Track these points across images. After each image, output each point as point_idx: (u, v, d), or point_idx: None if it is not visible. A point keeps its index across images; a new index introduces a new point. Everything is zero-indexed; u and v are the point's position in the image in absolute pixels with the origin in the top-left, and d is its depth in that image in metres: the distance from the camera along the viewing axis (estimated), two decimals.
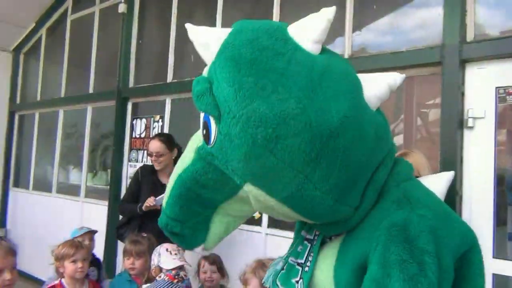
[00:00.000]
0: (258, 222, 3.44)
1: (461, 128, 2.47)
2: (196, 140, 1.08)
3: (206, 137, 1.00)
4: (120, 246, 4.30)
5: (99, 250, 3.66)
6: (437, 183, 1.18)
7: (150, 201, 3.01)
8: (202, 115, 1.01)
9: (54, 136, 5.81)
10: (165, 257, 2.50)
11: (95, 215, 4.80)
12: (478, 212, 2.39)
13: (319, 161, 0.90)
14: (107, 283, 3.17)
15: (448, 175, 1.23)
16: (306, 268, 1.07)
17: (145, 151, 4.40)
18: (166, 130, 4.24)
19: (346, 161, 0.92)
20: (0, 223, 6.40)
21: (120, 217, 4.37)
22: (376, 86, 1.00)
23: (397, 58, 2.77)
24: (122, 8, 4.75)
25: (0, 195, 6.48)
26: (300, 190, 0.92)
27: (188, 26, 1.12)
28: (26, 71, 6.59)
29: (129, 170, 4.65)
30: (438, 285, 0.88)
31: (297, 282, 1.07)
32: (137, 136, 4.62)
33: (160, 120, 4.37)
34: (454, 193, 2.44)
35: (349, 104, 0.92)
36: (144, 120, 4.58)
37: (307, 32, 0.97)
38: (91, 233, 3.29)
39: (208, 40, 1.03)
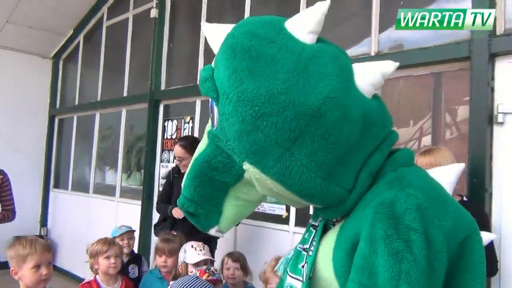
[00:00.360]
0: (285, 221, 3.46)
1: (490, 124, 2.42)
2: (208, 127, 1.19)
3: (212, 120, 1.12)
4: (153, 245, 4.42)
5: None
6: (444, 174, 1.17)
7: (177, 214, 3.18)
8: (210, 100, 1.13)
9: (91, 139, 6.04)
10: (190, 253, 2.57)
11: (129, 214, 4.94)
12: (509, 208, 2.33)
13: (303, 139, 0.97)
14: None
15: (459, 167, 1.21)
16: (310, 252, 1.12)
17: None
18: (196, 131, 4.33)
19: (331, 140, 0.97)
20: (42, 222, 6.68)
21: (155, 215, 4.51)
22: (368, 73, 1.04)
23: (425, 54, 2.74)
24: (153, 13, 4.90)
25: (41, 196, 6.76)
26: (288, 167, 0.99)
27: (204, 24, 1.25)
28: (65, 76, 6.88)
29: (161, 171, 4.77)
30: (429, 265, 0.88)
31: (303, 266, 1.12)
32: (169, 137, 4.74)
33: (191, 121, 4.47)
34: (483, 190, 2.39)
35: (333, 87, 0.97)
36: (175, 121, 4.69)
37: (302, 23, 1.05)
38: (131, 232, 3.38)
39: (217, 34, 1.13)
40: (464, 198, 2.27)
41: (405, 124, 3.05)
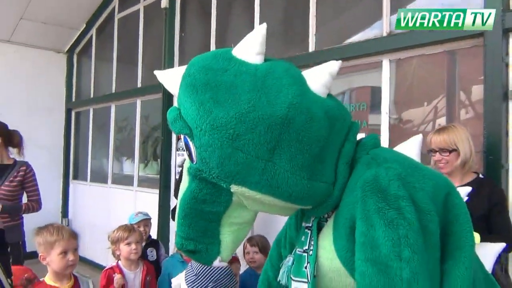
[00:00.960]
0: None
1: (506, 99, 2.41)
2: (186, 164, 1.21)
3: (190, 156, 1.15)
4: (172, 231, 4.51)
5: (152, 234, 3.84)
6: (408, 147, 1.27)
7: None
8: (182, 139, 1.17)
9: (108, 130, 6.14)
10: None
11: (147, 203, 5.03)
12: None
13: (280, 147, 1.04)
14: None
15: (417, 138, 1.33)
16: (311, 252, 1.17)
17: None
18: None
19: (304, 141, 1.05)
20: (63, 213, 6.84)
21: (173, 203, 4.59)
22: (318, 76, 1.13)
23: (437, 32, 2.71)
24: (164, 3, 4.93)
25: (61, 188, 6.91)
26: (274, 177, 1.05)
27: (156, 72, 1.30)
28: (80, 70, 6.97)
29: (177, 159, 4.84)
30: (422, 226, 0.96)
31: (306, 268, 1.17)
32: None
33: None
34: (499, 167, 2.39)
35: (292, 94, 1.06)
36: None
37: (247, 48, 1.14)
38: (147, 220, 3.46)
39: (172, 77, 1.20)
40: (480, 176, 2.28)
41: (419, 104, 3.05)
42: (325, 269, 1.14)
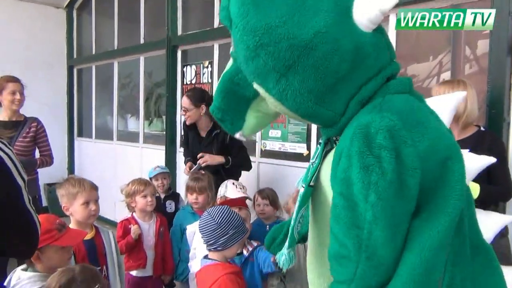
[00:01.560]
0: (306, 158, 3.61)
1: (510, 53, 2.45)
2: (232, 47, 1.34)
3: (233, 42, 1.27)
4: (179, 185, 4.64)
5: None
6: (444, 102, 1.29)
7: (186, 171, 3.35)
8: None
9: (111, 87, 6.15)
10: (231, 189, 2.77)
11: (154, 159, 5.13)
12: None
13: (296, 67, 1.11)
14: None
15: (461, 94, 1.37)
16: (313, 164, 1.31)
17: None
18: (215, 75, 4.40)
19: (320, 70, 1.10)
20: (69, 170, 6.97)
21: (179, 159, 4.70)
22: (367, 9, 1.11)
23: None
24: None
25: (66, 145, 7.01)
26: (284, 90, 1.16)
27: None
28: (80, 26, 6.90)
29: (182, 116, 4.89)
30: (398, 178, 0.99)
31: (308, 176, 1.31)
32: (188, 83, 4.82)
33: (209, 66, 4.53)
34: (501, 120, 2.47)
35: (325, 22, 1.09)
36: (194, 66, 4.75)
37: None
38: (165, 173, 3.57)
39: None
40: (482, 128, 2.36)
41: (424, 59, 3.08)
42: (321, 184, 1.26)
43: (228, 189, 2.80)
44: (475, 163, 1.34)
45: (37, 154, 3.51)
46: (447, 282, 1.05)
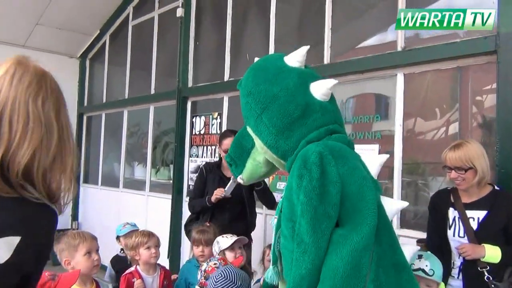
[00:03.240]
0: None
1: None
2: None
3: None
4: (184, 236, 4.57)
5: (164, 239, 3.90)
6: (371, 160, 1.60)
7: (219, 192, 3.26)
8: None
9: (120, 135, 6.23)
10: (222, 241, 2.78)
11: (159, 208, 5.11)
12: None
13: (267, 109, 1.57)
14: None
15: (382, 158, 1.64)
16: (281, 199, 1.62)
17: (205, 147, 4.67)
18: (224, 127, 4.46)
19: (281, 112, 1.54)
20: (73, 216, 6.92)
21: (185, 209, 4.66)
22: (318, 87, 1.57)
23: (451, 48, 2.80)
24: (179, 12, 5.03)
25: None
26: (259, 125, 1.60)
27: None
28: (92, 75, 7.09)
29: (190, 165, 4.92)
30: (322, 186, 1.34)
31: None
32: (197, 133, 4.88)
33: (219, 117, 4.60)
34: (511, 181, 2.46)
35: (287, 85, 1.57)
36: (203, 117, 4.83)
37: (294, 57, 1.66)
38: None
39: None
40: (496, 187, 2.34)
41: (432, 116, 3.12)
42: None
43: (221, 242, 2.81)
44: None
45: None
46: (372, 277, 1.31)
